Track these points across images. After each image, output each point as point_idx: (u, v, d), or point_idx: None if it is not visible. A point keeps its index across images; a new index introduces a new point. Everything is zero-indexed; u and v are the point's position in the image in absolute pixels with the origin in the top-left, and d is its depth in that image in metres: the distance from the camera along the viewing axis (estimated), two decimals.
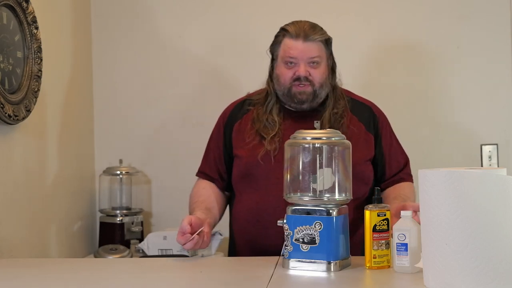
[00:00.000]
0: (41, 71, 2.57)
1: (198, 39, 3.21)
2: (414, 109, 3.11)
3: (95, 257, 2.87)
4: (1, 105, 2.28)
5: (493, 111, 3.08)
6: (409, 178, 2.34)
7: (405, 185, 2.29)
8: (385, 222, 1.81)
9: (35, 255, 2.55)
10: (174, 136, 3.21)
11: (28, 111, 2.47)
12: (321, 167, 1.89)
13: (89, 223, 3.14)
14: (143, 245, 2.90)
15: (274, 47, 2.27)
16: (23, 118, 2.43)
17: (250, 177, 2.20)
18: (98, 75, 3.24)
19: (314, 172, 1.88)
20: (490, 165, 3.04)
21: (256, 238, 2.17)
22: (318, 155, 1.90)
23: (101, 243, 3.02)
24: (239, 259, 2.03)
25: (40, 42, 2.56)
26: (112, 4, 3.24)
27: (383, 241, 1.81)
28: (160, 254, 2.85)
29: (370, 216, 1.81)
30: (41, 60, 2.57)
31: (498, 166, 3.02)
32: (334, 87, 2.28)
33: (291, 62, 2.20)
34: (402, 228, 1.77)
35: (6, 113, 2.30)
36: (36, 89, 2.53)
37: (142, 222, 3.09)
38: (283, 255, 1.88)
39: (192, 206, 2.26)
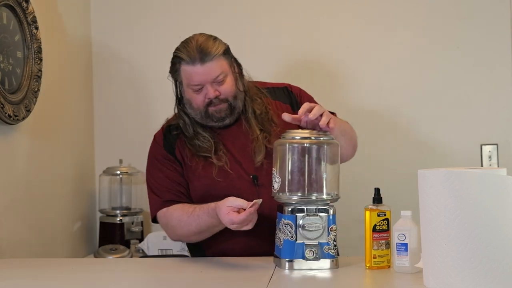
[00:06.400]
0: (41, 71, 2.57)
1: None
2: (414, 109, 3.11)
3: (95, 257, 2.87)
4: (1, 105, 2.28)
5: (493, 111, 3.08)
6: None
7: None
8: (385, 222, 1.81)
9: (35, 255, 2.55)
10: None
11: (28, 111, 2.47)
12: (309, 166, 1.90)
13: (89, 223, 3.14)
14: (143, 245, 2.90)
15: (174, 73, 2.17)
16: (23, 118, 2.43)
17: (209, 199, 2.04)
18: (98, 75, 3.24)
19: (303, 172, 1.89)
20: (490, 165, 3.04)
21: (225, 247, 2.14)
22: (306, 155, 1.91)
23: (101, 243, 3.02)
24: (239, 259, 2.03)
25: (40, 42, 2.56)
26: (112, 4, 3.24)
27: (383, 241, 1.81)
28: (160, 254, 2.85)
29: (370, 216, 1.81)
30: (41, 60, 2.57)
31: (498, 166, 3.02)
32: (248, 88, 2.20)
33: (197, 87, 2.10)
34: (402, 228, 1.77)
35: (6, 113, 2.30)
36: (36, 89, 2.54)
37: (142, 222, 3.09)
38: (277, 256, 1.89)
39: (192, 219, 2.03)
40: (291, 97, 2.28)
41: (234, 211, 1.85)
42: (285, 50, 3.14)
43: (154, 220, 2.20)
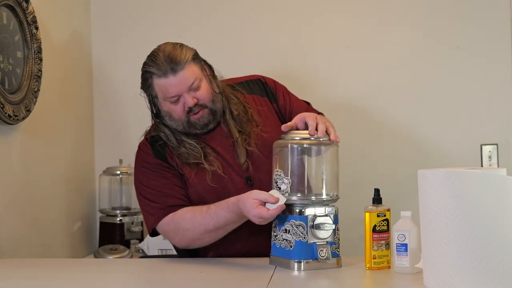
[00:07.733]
0: (41, 71, 2.57)
1: (197, 39, 3.19)
2: (414, 109, 3.11)
3: (95, 257, 2.87)
4: (1, 105, 2.28)
5: (493, 111, 3.08)
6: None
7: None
8: (385, 223, 1.81)
9: (35, 255, 2.55)
10: None
11: (28, 111, 2.47)
12: (309, 167, 1.90)
13: (89, 223, 3.14)
14: (143, 245, 2.90)
15: (147, 89, 2.14)
16: (23, 118, 2.43)
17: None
18: (98, 75, 3.23)
19: (303, 172, 1.89)
20: (490, 165, 3.04)
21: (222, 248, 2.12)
22: (306, 156, 1.91)
23: (101, 243, 3.02)
24: (239, 260, 2.03)
25: (40, 42, 2.56)
26: (112, 4, 3.24)
27: (383, 242, 1.81)
28: (160, 254, 2.85)
29: (370, 217, 1.81)
30: (41, 60, 2.57)
31: (498, 166, 3.02)
32: (223, 89, 2.18)
33: (174, 98, 2.07)
34: (402, 229, 1.77)
35: (6, 113, 2.31)
36: (36, 89, 2.54)
37: (142, 222, 3.09)
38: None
39: (208, 217, 1.98)
40: (266, 89, 2.26)
41: (261, 205, 1.84)
42: (285, 50, 3.14)
43: (153, 233, 2.12)
